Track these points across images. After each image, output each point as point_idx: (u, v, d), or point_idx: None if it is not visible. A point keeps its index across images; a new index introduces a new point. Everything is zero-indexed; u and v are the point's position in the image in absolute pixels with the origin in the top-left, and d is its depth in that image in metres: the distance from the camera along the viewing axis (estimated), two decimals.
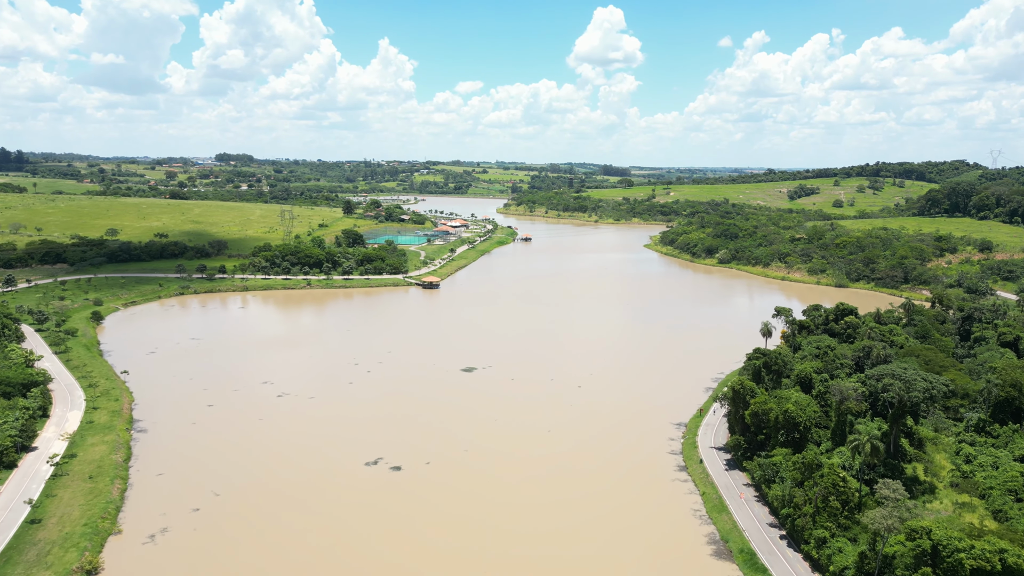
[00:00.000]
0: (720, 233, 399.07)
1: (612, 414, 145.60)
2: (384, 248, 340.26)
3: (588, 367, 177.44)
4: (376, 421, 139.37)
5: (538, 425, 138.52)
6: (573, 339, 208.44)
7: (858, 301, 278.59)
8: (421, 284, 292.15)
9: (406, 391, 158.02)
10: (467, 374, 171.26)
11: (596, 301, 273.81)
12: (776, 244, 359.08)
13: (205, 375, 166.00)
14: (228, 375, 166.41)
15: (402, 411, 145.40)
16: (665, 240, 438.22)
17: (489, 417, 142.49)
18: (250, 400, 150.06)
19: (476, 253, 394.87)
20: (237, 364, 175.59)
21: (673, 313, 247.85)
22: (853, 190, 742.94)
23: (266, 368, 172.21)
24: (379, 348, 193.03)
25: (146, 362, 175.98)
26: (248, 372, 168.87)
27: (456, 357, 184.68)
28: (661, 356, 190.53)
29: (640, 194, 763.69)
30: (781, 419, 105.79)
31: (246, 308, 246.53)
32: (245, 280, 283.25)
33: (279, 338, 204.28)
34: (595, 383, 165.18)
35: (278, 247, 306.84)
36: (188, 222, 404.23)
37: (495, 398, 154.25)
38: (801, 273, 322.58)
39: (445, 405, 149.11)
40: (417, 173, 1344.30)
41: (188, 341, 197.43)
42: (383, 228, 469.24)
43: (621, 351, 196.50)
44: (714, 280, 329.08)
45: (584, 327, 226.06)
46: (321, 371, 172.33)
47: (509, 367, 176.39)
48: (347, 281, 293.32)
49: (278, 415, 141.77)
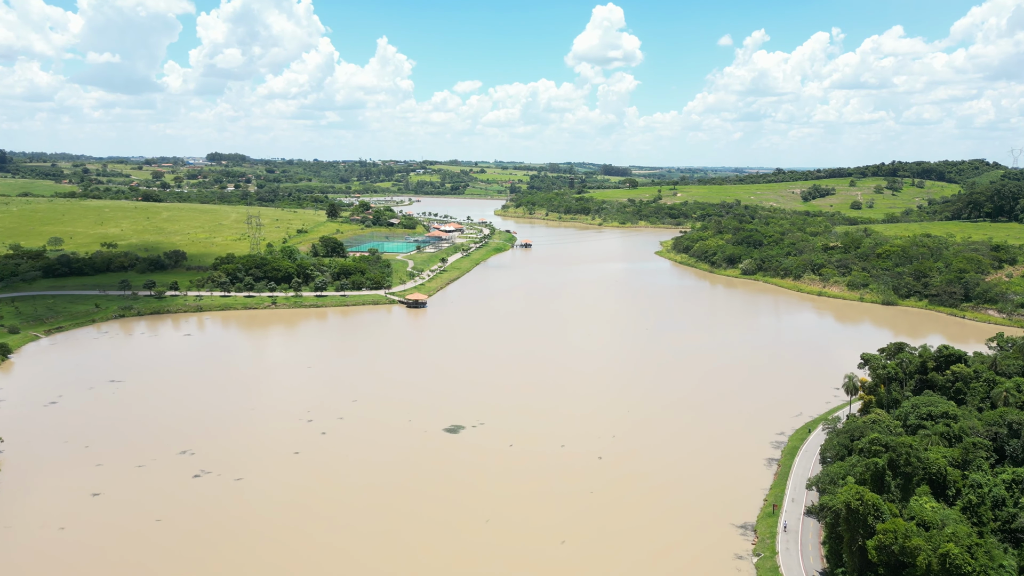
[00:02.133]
0: (741, 240, 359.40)
1: (649, 507, 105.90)
2: (366, 259, 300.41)
3: (608, 425, 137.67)
4: (318, 525, 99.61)
5: (547, 529, 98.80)
6: (586, 382, 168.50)
7: (913, 322, 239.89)
8: (405, 302, 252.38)
9: (366, 472, 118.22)
10: (452, 437, 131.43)
11: (609, 326, 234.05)
12: (807, 253, 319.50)
13: (107, 440, 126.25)
14: (137, 441, 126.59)
15: (356, 509, 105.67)
16: (679, 247, 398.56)
17: (478, 516, 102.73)
18: (154, 484, 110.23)
19: (470, 262, 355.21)
20: (152, 423, 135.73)
21: (705, 342, 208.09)
22: (870, 191, 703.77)
23: (189, 430, 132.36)
24: (343, 395, 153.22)
25: (39, 419, 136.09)
26: (164, 436, 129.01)
27: (439, 408, 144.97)
28: (700, 408, 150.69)
29: (645, 195, 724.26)
30: (936, 568, 66.27)
31: (191, 336, 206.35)
32: (200, 298, 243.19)
33: (217, 381, 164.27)
34: (619, 452, 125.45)
35: (241, 259, 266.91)
36: (150, 229, 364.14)
37: (487, 481, 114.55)
38: (840, 287, 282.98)
39: (417, 497, 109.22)
40: (413, 173, 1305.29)
41: (105, 385, 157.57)
42: (369, 234, 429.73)
43: (647, 401, 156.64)
44: (740, 296, 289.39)
45: (598, 365, 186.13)
46: (261, 434, 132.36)
47: (506, 425, 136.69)
48: (320, 299, 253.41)
49: (186, 511, 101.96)
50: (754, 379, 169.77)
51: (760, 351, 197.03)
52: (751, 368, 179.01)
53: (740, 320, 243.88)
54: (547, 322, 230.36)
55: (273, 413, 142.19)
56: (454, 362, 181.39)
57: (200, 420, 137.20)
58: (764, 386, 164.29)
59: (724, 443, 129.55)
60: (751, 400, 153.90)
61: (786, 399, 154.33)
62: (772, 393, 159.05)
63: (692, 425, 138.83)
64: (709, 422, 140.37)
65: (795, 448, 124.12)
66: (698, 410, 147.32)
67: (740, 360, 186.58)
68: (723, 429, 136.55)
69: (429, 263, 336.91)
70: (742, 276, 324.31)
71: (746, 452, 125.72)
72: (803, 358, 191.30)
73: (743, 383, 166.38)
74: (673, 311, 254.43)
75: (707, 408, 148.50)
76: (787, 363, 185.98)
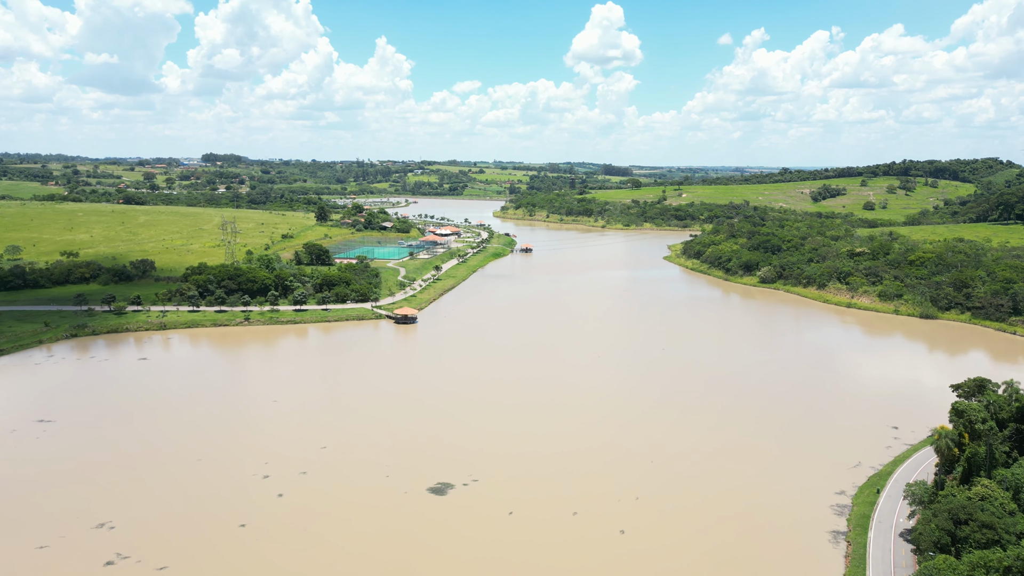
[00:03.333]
0: (757, 245, 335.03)
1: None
2: (352, 268, 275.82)
3: (630, 484, 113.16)
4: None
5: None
6: (598, 426, 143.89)
7: (955, 338, 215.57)
8: (393, 317, 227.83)
9: (327, 554, 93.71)
10: (438, 500, 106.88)
11: (619, 347, 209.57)
12: (831, 259, 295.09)
13: (8, 505, 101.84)
14: (47, 507, 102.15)
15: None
16: (689, 252, 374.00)
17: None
18: (50, 574, 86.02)
19: (467, 270, 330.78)
20: (72, 481, 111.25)
21: (727, 365, 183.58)
22: (883, 190, 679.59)
23: (114, 492, 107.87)
24: (310, 440, 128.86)
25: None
26: (82, 501, 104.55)
27: (424, 458, 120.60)
28: (735, 456, 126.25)
29: (649, 195, 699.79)
30: None
31: (147, 361, 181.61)
32: (164, 314, 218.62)
33: (162, 421, 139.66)
34: (646, 521, 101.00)
35: (213, 269, 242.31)
36: (122, 235, 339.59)
37: (480, 561, 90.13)
38: (870, 298, 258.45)
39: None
40: (411, 174, 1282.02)
41: (31, 426, 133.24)
42: (360, 239, 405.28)
43: (671, 446, 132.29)
44: (761, 308, 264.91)
45: (611, 401, 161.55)
46: (202, 499, 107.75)
47: (504, 482, 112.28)
48: (299, 314, 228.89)
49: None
50: (791, 413, 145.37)
51: (792, 375, 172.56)
52: (785, 398, 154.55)
53: (764, 337, 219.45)
54: (550, 342, 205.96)
55: (222, 467, 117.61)
56: (443, 395, 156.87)
57: (130, 478, 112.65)
58: (805, 423, 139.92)
59: (773, 507, 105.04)
60: (793, 443, 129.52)
61: (835, 441, 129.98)
62: (816, 433, 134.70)
63: (731, 482, 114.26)
64: (750, 477, 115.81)
65: (865, 518, 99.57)
66: (734, 459, 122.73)
67: (771, 387, 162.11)
68: (768, 486, 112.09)
69: (422, 271, 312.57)
70: (760, 285, 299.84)
71: (801, 520, 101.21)
72: (845, 385, 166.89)
73: (779, 418, 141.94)
74: (688, 327, 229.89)
75: (744, 456, 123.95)
76: (827, 392, 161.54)
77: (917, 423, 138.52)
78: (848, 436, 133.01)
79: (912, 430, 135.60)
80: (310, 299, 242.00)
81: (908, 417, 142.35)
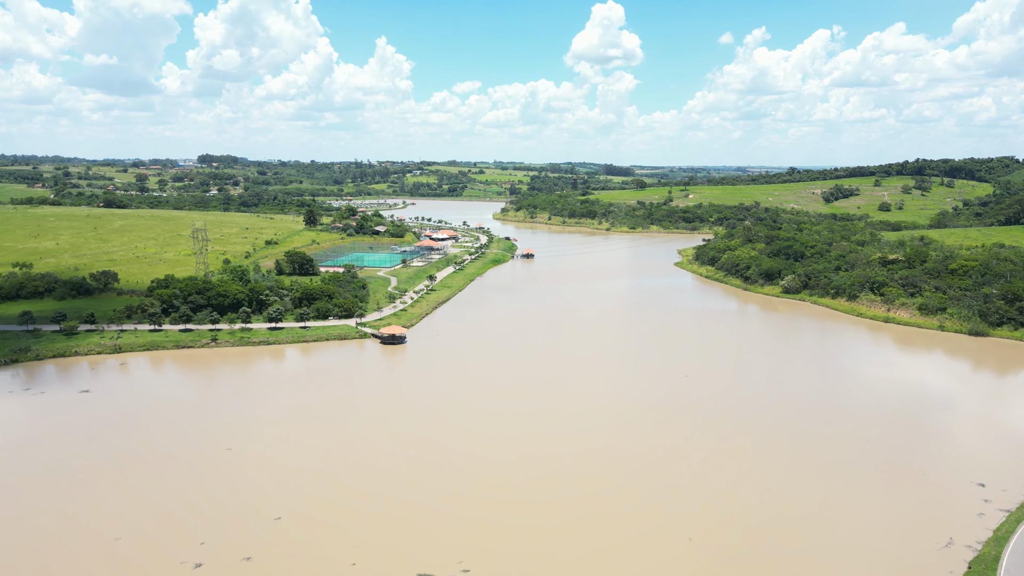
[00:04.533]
0: (778, 251, 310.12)
1: None
2: (337, 278, 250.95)
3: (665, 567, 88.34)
4: None
5: None
6: (620, 489, 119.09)
7: (1008, 358, 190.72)
8: (380, 336, 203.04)
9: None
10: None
11: (636, 375, 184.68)
12: (861, 267, 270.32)
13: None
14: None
15: None
16: (703, 258, 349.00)
17: None
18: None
19: (464, 278, 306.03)
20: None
21: (760, 396, 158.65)
22: (898, 191, 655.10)
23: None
24: (262, 508, 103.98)
25: None
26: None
27: (400, 538, 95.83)
28: (790, 531, 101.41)
29: (655, 196, 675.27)
30: None
31: (89, 394, 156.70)
32: (120, 335, 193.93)
33: (88, 477, 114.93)
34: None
35: (180, 283, 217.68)
36: (91, 242, 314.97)
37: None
38: (909, 311, 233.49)
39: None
40: (410, 174, 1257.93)
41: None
42: (351, 244, 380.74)
43: (709, 518, 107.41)
44: (787, 322, 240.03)
45: (634, 457, 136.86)
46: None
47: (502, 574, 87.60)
48: (273, 332, 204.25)
49: None
50: (846, 463, 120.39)
51: (836, 408, 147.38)
52: (835, 440, 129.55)
53: (797, 359, 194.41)
54: (555, 369, 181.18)
55: (145, 549, 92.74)
56: (430, 444, 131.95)
57: (17, 557, 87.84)
58: (865, 476, 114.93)
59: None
60: (857, 512, 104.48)
61: (910, 507, 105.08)
62: (884, 496, 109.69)
63: (792, 570, 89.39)
64: (818, 562, 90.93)
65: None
66: (788, 535, 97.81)
67: (815, 421, 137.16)
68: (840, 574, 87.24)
69: (415, 280, 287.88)
70: (783, 295, 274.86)
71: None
72: (905, 423, 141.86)
73: (832, 471, 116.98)
74: (712, 347, 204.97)
75: (803, 530, 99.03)
76: (885, 433, 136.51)
77: (1008, 478, 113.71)
78: (924, 499, 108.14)
79: (1004, 488, 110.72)
80: (288, 315, 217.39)
81: (995, 469, 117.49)
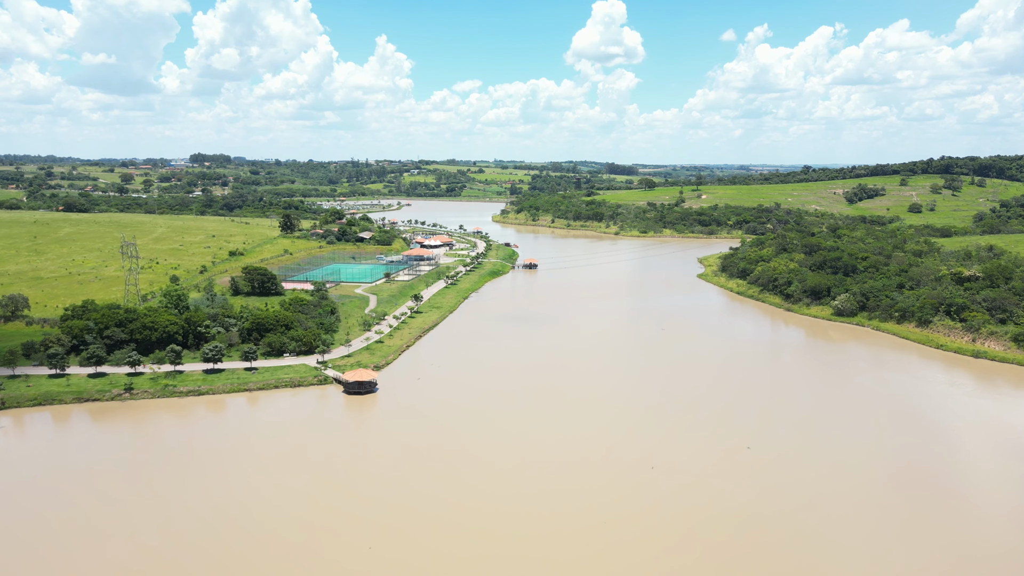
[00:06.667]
0: (822, 263, 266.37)
1: None
2: (301, 301, 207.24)
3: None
4: None
5: None
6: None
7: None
8: (343, 383, 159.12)
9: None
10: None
11: (676, 433, 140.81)
12: (928, 285, 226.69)
13: None
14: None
15: None
16: (732, 270, 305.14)
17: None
18: None
19: (456, 296, 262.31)
20: None
21: (854, 478, 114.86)
22: (926, 190, 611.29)
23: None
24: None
25: None
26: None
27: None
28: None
29: (665, 197, 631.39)
30: None
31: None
32: (2, 385, 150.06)
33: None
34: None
35: (98, 311, 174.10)
36: (23, 255, 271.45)
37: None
38: (1001, 343, 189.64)
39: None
40: (407, 173, 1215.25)
41: None
42: (330, 253, 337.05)
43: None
44: (848, 355, 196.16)
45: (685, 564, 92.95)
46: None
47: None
48: (209, 377, 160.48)
49: None
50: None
51: (975, 498, 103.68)
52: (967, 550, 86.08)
53: (872, 411, 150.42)
54: (563, 438, 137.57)
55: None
56: (395, 565, 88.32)
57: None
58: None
59: None
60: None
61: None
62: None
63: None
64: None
65: None
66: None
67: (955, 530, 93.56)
68: None
69: (398, 299, 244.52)
70: (835, 318, 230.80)
71: None
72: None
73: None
74: (764, 392, 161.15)
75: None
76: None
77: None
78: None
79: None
80: (233, 351, 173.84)
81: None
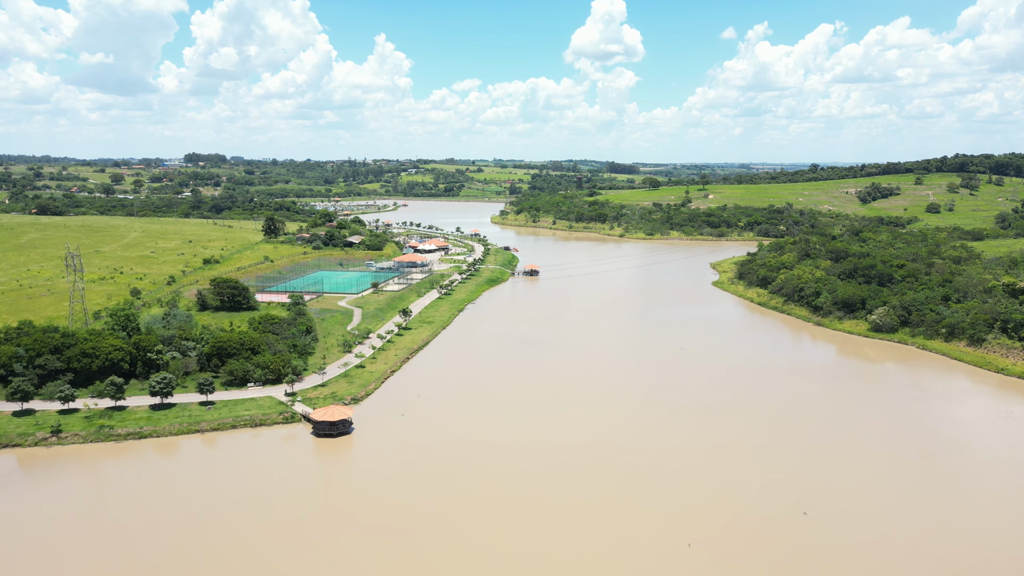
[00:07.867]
0: (852, 271, 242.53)
1: None
2: (272, 319, 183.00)
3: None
4: None
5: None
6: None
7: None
8: (313, 422, 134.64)
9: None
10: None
11: (709, 485, 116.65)
12: (976, 298, 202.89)
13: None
14: None
15: None
16: (750, 278, 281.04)
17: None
18: None
19: (451, 309, 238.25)
20: None
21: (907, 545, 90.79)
22: (943, 189, 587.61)
23: None
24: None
25: None
26: None
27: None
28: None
29: (670, 196, 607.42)
30: None
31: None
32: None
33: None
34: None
35: (31, 335, 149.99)
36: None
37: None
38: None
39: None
40: (404, 173, 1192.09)
41: None
42: (315, 261, 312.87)
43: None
44: (897, 382, 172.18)
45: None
46: None
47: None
48: (156, 415, 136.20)
49: None
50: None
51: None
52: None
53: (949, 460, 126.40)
54: (578, 500, 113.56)
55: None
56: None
57: None
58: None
59: None
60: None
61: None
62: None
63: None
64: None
65: None
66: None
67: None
68: None
69: (385, 314, 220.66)
70: (872, 334, 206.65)
71: None
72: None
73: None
74: (803, 435, 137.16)
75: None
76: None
77: None
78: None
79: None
80: (186, 382, 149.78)
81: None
